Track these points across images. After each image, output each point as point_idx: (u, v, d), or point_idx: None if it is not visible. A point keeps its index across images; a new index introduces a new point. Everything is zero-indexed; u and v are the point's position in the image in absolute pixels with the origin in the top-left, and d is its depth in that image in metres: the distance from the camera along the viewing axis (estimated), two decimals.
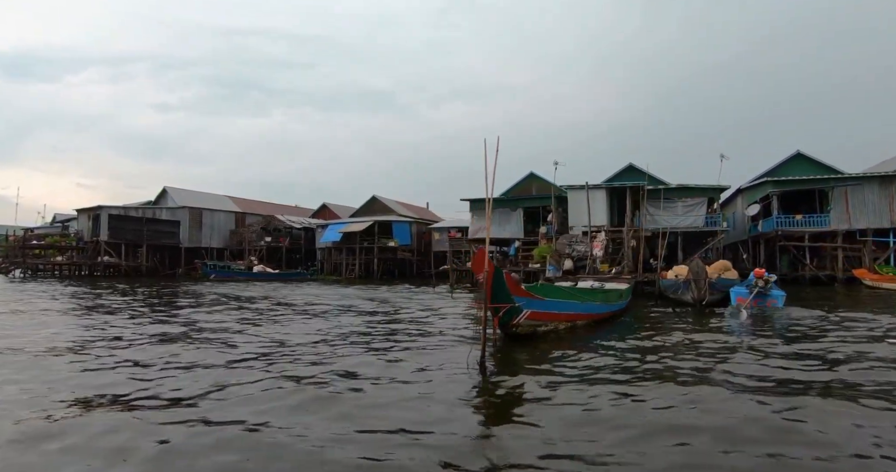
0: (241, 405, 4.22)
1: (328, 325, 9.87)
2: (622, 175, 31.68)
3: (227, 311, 12.36)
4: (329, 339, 8.12)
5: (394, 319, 11.18)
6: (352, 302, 15.65)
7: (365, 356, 6.62)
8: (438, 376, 5.47)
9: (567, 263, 19.46)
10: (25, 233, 35.17)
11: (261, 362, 6.20)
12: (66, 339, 7.74)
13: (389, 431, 3.58)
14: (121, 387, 4.89)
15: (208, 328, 9.24)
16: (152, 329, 9.03)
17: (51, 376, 5.32)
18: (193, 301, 15.10)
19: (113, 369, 5.67)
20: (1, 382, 4.99)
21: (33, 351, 6.67)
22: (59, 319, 10.53)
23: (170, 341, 7.72)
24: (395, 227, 37.85)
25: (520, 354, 7.21)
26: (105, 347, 7.16)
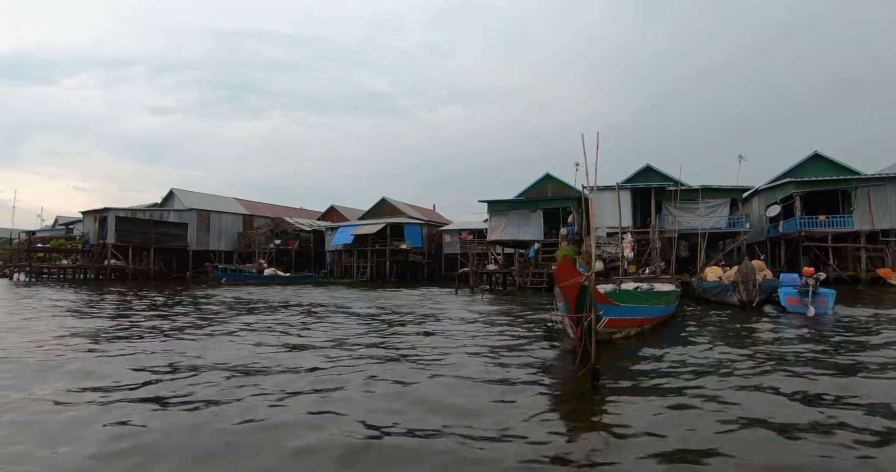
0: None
1: (410, 330, 9.50)
2: (640, 176, 31.63)
3: (286, 316, 11.75)
4: (437, 345, 7.81)
5: (469, 324, 10.85)
6: (391, 305, 15.37)
7: (478, 366, 6.30)
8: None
9: (598, 264, 19.23)
10: (30, 236, 34.59)
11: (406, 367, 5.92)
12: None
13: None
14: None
15: (313, 336, 8.54)
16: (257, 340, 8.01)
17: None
18: (233, 308, 14.62)
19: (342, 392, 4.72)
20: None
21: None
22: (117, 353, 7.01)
23: (292, 351, 7.42)
24: (406, 229, 37.60)
25: (616, 364, 7.01)
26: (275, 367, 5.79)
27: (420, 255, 38.50)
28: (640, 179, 31.27)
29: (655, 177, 30.77)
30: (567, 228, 27.10)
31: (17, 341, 7.46)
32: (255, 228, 40.43)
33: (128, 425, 3.73)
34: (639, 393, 4.82)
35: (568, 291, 7.55)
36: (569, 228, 27.14)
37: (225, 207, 41.23)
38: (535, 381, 5.52)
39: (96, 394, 4.58)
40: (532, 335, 9.34)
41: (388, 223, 36.39)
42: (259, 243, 38.65)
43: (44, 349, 6.88)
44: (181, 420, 3.85)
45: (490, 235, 28.65)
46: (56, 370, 5.56)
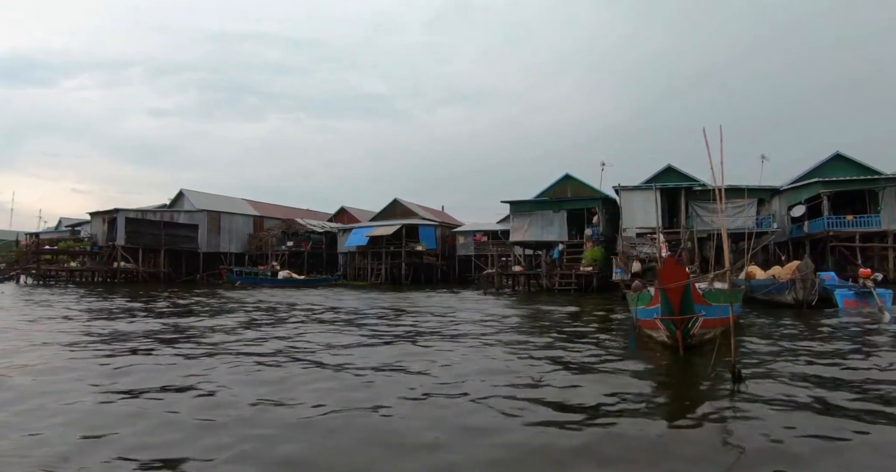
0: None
1: (487, 335, 9.33)
2: (661, 176, 31.62)
3: (337, 325, 11.00)
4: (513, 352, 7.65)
5: (538, 328, 10.71)
6: (438, 309, 15.20)
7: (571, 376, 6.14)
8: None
9: (635, 265, 19.22)
10: (38, 238, 34.07)
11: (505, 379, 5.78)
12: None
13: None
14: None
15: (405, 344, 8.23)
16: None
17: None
18: (268, 314, 14.32)
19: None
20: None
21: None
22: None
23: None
24: (420, 230, 37.42)
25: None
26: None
27: (434, 256, 38.33)
28: (661, 179, 31.25)
29: (677, 177, 30.80)
30: (592, 229, 27.07)
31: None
32: (265, 230, 40.09)
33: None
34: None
35: (673, 292, 7.44)
36: (594, 229, 27.11)
37: (235, 208, 40.87)
38: (671, 385, 5.42)
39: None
40: (620, 341, 9.27)
41: (404, 224, 36.17)
42: (271, 244, 38.31)
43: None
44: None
45: (512, 236, 28.54)
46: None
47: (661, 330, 8.23)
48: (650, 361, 7.15)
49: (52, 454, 3.18)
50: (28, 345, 7.58)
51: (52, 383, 5.09)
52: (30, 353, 6.90)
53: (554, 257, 27.09)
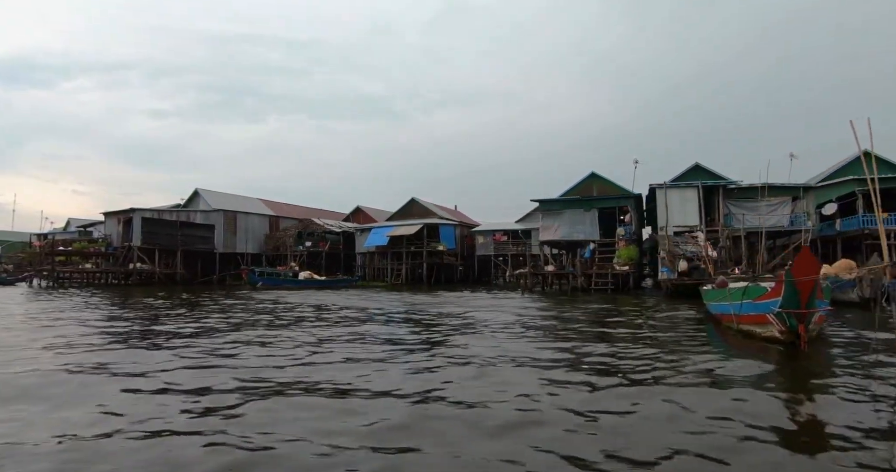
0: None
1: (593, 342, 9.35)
2: (688, 175, 31.71)
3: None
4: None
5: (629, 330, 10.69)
6: (492, 311, 15.16)
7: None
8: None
9: (682, 264, 19.26)
10: (53, 238, 33.75)
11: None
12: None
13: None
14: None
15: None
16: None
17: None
18: (320, 319, 14.19)
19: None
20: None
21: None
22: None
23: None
24: (441, 230, 37.39)
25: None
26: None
27: (453, 257, 38.31)
28: (688, 177, 31.34)
29: (705, 176, 30.89)
30: (624, 228, 27.13)
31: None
32: (281, 230, 39.92)
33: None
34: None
35: (806, 285, 7.45)
36: (626, 228, 27.18)
37: (251, 207, 40.69)
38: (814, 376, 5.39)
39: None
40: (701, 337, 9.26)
41: (426, 224, 36.14)
42: (288, 245, 38.16)
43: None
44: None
45: (542, 235, 28.55)
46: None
47: (774, 325, 8.24)
48: (769, 360, 7.08)
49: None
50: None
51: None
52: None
53: (586, 256, 27.12)
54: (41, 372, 5.55)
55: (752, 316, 8.87)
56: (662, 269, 19.66)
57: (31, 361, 6.23)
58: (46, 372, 5.56)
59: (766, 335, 8.65)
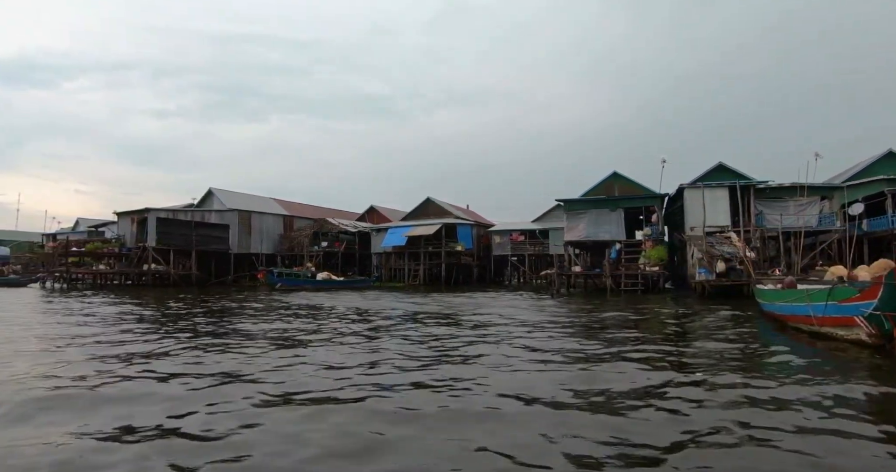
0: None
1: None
2: (712, 175, 31.75)
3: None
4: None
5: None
6: (560, 316, 15.15)
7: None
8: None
9: (720, 265, 19.31)
10: (67, 239, 33.58)
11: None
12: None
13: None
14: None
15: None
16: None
17: None
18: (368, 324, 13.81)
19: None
20: None
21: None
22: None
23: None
24: (458, 230, 37.39)
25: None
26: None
27: (470, 257, 38.32)
28: (712, 177, 31.37)
29: (729, 175, 30.91)
30: (651, 228, 27.19)
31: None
32: (296, 230, 39.85)
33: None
34: None
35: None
36: (652, 228, 27.23)
37: (265, 207, 40.60)
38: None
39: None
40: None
41: (444, 224, 36.12)
42: (304, 245, 38.08)
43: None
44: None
45: (567, 235, 28.56)
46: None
47: (862, 327, 8.28)
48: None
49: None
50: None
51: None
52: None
53: (612, 256, 27.16)
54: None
55: (837, 318, 8.89)
56: (700, 270, 19.68)
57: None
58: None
59: (849, 338, 8.69)
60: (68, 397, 5.07)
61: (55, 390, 5.33)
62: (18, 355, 7.74)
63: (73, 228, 45.94)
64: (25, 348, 8.56)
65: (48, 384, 5.57)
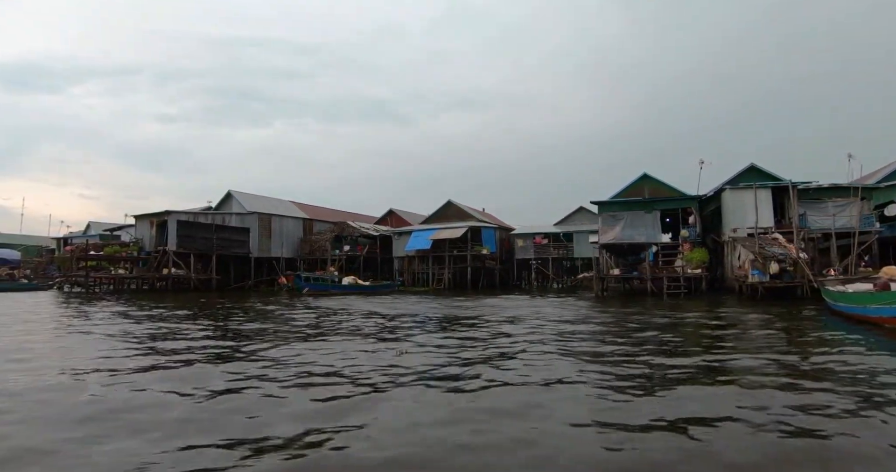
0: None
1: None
2: (743, 176, 31.96)
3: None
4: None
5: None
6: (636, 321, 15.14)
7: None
8: None
9: (773, 266, 19.41)
10: (87, 243, 33.31)
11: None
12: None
13: None
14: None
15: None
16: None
17: None
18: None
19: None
20: None
21: None
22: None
23: None
24: (483, 233, 37.43)
25: None
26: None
27: (493, 260, 38.36)
28: (743, 179, 31.59)
29: (761, 176, 31.15)
30: (689, 230, 27.33)
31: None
32: (316, 234, 39.75)
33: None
34: None
35: None
36: (690, 230, 27.37)
37: (284, 210, 40.50)
38: None
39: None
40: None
41: (470, 227, 36.15)
42: (325, 249, 37.97)
43: None
44: None
45: (601, 237, 28.63)
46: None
47: None
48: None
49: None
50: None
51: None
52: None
53: (649, 259, 27.27)
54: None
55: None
56: (753, 271, 19.76)
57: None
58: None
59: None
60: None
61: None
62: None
63: (84, 232, 45.59)
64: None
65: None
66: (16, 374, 6.62)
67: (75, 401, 5.29)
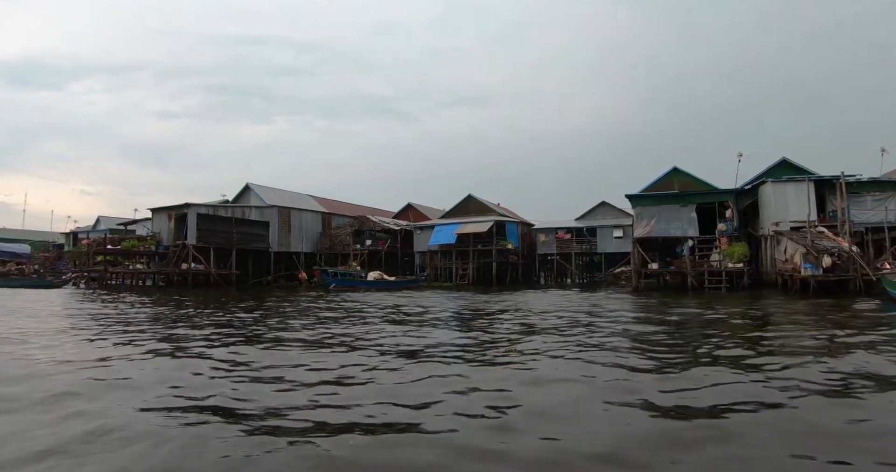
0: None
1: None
2: (774, 171, 32.09)
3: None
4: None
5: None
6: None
7: None
8: None
9: (826, 259, 19.51)
10: (106, 236, 32.91)
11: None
12: None
13: None
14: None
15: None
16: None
17: None
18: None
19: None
20: None
21: None
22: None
23: None
24: (507, 227, 37.40)
25: None
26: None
27: (516, 255, 38.36)
28: (774, 173, 31.71)
29: (793, 171, 31.29)
30: (726, 224, 27.41)
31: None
32: (336, 228, 39.53)
33: None
34: None
35: None
36: (728, 224, 27.46)
37: (303, 204, 40.24)
38: None
39: None
40: None
41: (496, 221, 36.10)
42: (346, 243, 37.78)
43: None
44: None
45: (636, 231, 28.66)
46: None
47: None
48: None
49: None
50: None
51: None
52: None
53: (684, 253, 27.36)
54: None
55: None
56: (805, 265, 19.86)
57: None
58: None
59: None
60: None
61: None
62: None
63: (93, 227, 45.08)
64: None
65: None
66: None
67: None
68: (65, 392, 5.18)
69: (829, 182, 26.30)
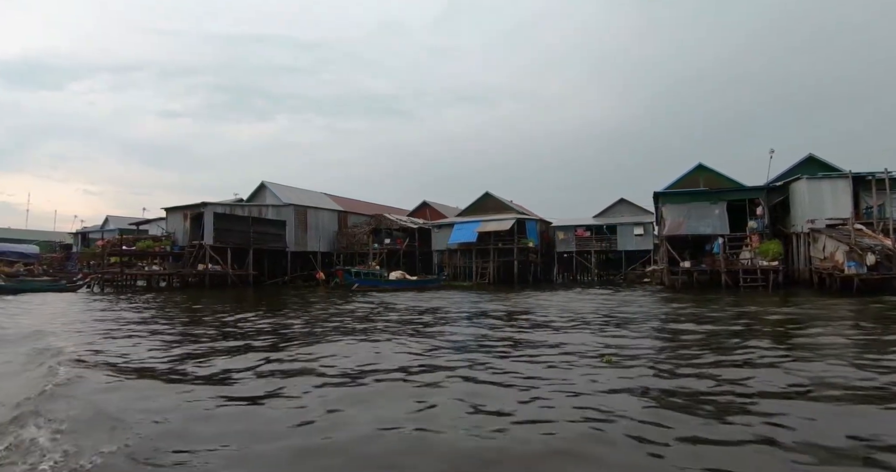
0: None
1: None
2: (799, 168, 32.13)
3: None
4: None
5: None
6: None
7: None
8: None
9: (870, 257, 19.57)
10: (121, 236, 32.54)
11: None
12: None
13: None
14: None
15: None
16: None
17: None
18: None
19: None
20: None
21: None
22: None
23: None
24: (527, 225, 37.34)
25: None
26: None
27: (535, 254, 38.32)
28: (800, 170, 31.77)
29: (820, 168, 31.36)
30: (757, 222, 27.46)
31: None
32: (353, 227, 39.32)
33: None
34: None
35: None
36: (758, 222, 27.50)
37: (319, 202, 40.02)
38: None
39: None
40: None
41: (518, 219, 36.02)
42: (363, 242, 37.60)
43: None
44: None
45: (666, 229, 28.68)
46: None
47: None
48: None
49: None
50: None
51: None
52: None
53: (715, 251, 27.38)
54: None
55: None
56: (849, 263, 19.91)
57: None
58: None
59: None
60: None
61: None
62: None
63: (101, 226, 44.64)
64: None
65: None
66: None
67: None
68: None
69: (864, 179, 26.38)
